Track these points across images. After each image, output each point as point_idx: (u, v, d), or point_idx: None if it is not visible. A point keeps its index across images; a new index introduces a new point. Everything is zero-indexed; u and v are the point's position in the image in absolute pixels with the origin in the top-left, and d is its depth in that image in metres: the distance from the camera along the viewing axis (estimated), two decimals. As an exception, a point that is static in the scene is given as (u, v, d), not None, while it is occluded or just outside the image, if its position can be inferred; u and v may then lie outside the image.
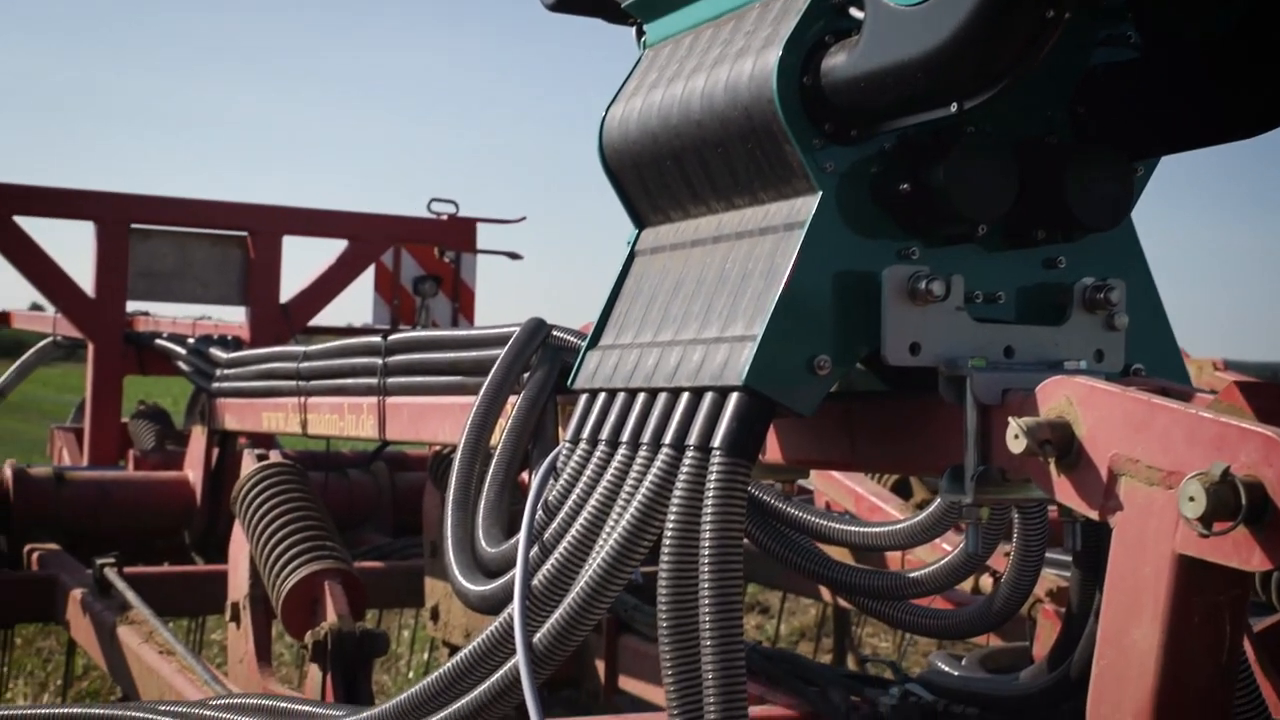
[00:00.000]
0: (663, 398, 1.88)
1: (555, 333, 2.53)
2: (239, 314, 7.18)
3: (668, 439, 1.82)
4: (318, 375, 3.79)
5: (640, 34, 2.21)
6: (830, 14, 1.80)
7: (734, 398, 1.74)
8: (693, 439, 1.77)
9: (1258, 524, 1.32)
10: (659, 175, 2.04)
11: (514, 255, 8.39)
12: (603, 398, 2.01)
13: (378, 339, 3.42)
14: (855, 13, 1.76)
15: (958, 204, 1.76)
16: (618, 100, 2.12)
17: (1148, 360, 1.92)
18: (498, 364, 2.49)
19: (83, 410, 7.07)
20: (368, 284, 8.17)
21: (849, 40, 1.76)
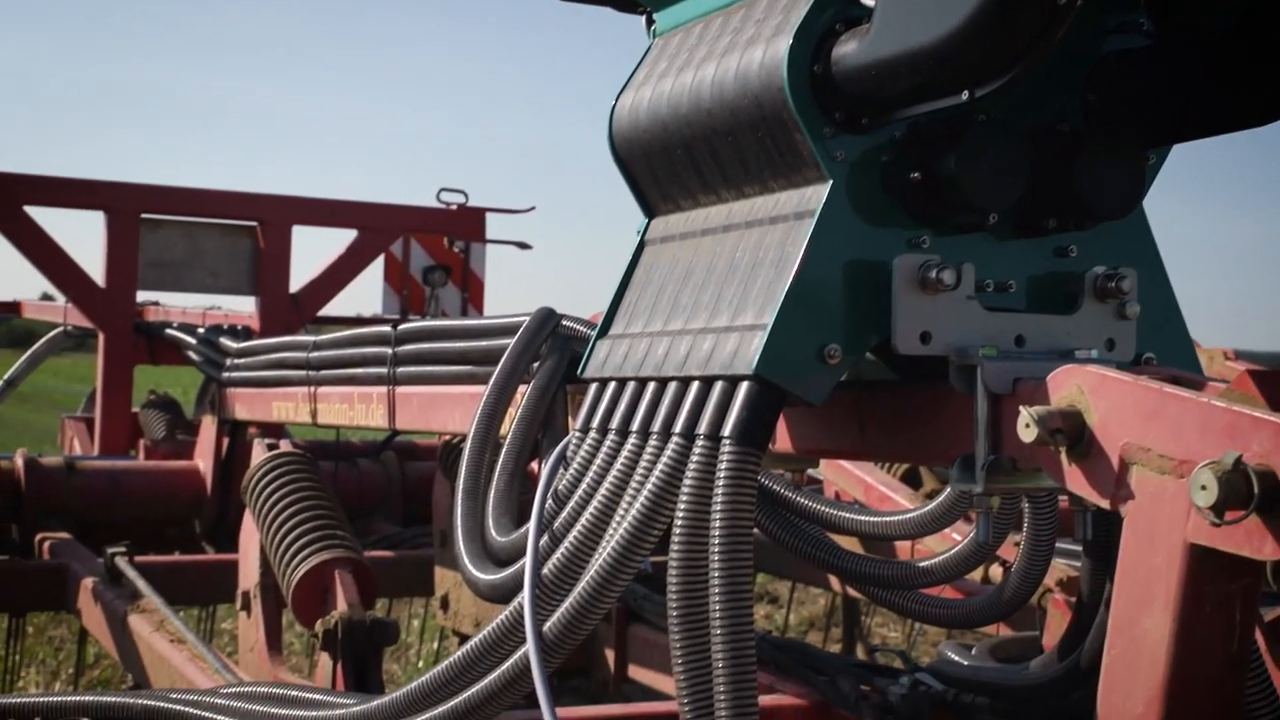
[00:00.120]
0: (673, 387, 1.87)
1: (565, 322, 2.53)
2: (249, 304, 7.18)
3: (678, 428, 1.81)
4: (328, 365, 3.79)
5: (650, 22, 2.20)
6: (841, 2, 1.79)
7: (744, 387, 1.74)
8: (703, 428, 1.77)
9: (1270, 513, 1.32)
10: (669, 164, 2.03)
11: (523, 245, 8.39)
12: (612, 387, 2.00)
13: (387, 329, 3.42)
14: (866, 0, 1.76)
15: (968, 192, 1.76)
16: (627, 89, 2.12)
17: (1159, 349, 1.91)
18: (507, 353, 2.49)
19: (93, 400, 7.08)
20: (377, 274, 8.18)
21: (860, 28, 1.75)
